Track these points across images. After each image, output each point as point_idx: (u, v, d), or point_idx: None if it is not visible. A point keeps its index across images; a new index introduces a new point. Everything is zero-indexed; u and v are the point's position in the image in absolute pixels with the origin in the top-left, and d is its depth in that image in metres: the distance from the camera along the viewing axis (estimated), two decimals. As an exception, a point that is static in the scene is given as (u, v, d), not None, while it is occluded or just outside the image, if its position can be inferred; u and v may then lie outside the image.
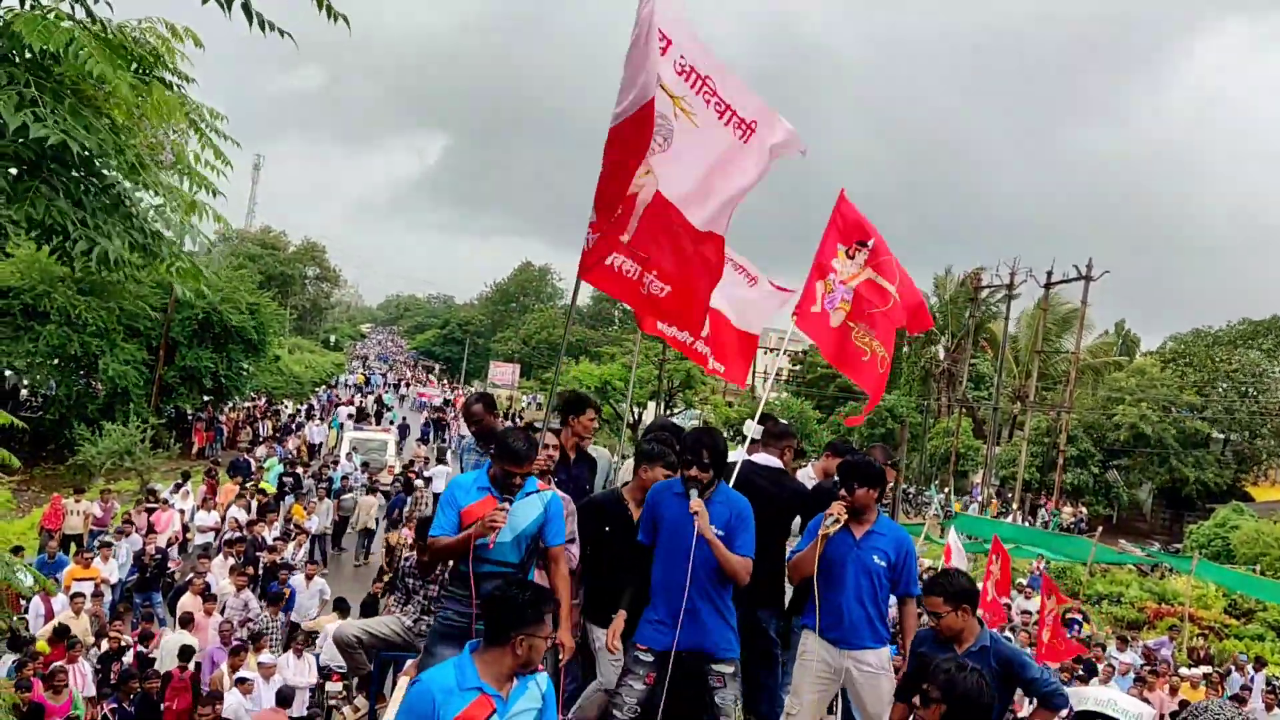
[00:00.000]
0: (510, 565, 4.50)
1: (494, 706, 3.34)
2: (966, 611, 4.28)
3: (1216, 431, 39.45)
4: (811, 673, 4.95)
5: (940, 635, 4.35)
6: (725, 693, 4.66)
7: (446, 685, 3.34)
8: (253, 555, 14.71)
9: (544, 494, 4.64)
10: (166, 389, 29.23)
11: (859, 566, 4.86)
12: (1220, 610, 23.21)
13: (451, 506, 4.54)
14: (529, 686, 3.46)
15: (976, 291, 39.54)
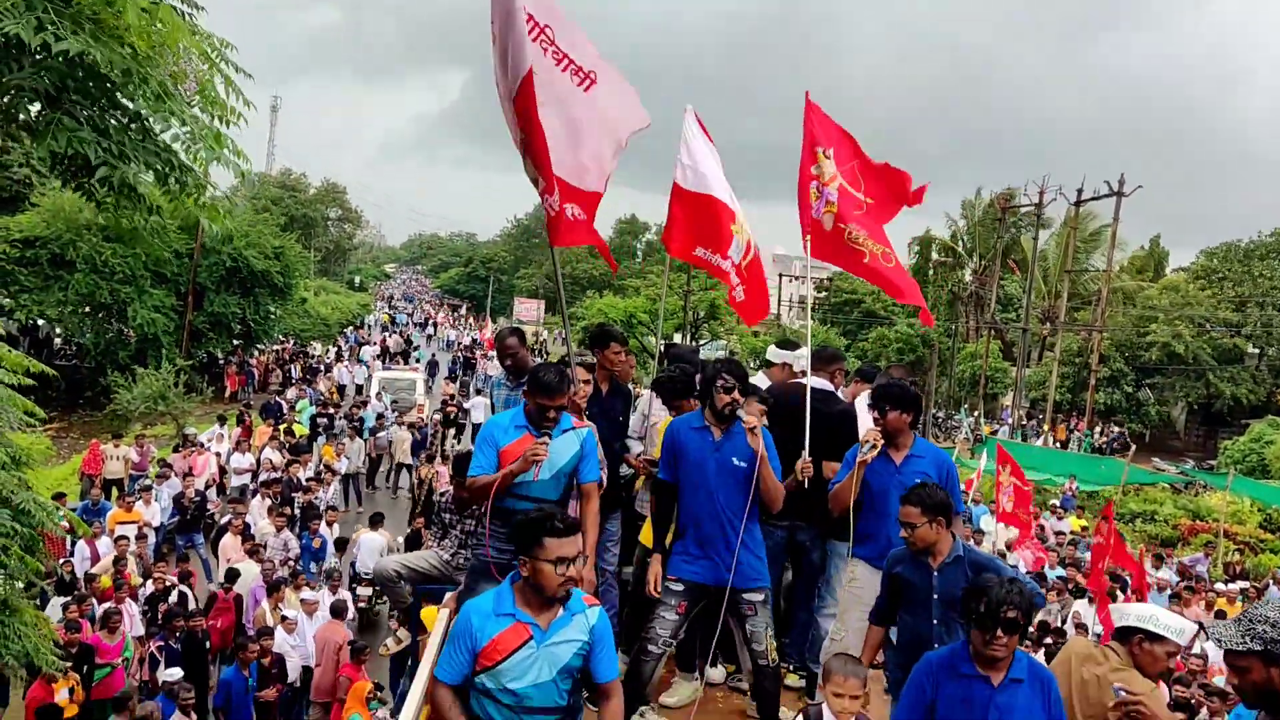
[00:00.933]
0: (549, 502, 4.48)
1: (529, 634, 3.34)
2: (941, 524, 4.24)
3: (1252, 346, 38.88)
4: (859, 600, 4.93)
5: (914, 550, 4.30)
6: (757, 620, 4.71)
7: (484, 611, 3.39)
8: (289, 496, 14.92)
9: (580, 430, 4.62)
10: (196, 334, 29.50)
11: (901, 491, 4.77)
12: (1255, 525, 23.10)
13: (490, 445, 4.52)
14: (573, 619, 3.41)
15: (1004, 212, 38.88)
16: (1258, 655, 2.98)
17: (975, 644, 3.51)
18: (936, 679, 3.60)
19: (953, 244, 48.30)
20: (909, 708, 3.67)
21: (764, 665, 4.74)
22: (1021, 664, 3.55)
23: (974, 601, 3.48)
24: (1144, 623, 3.95)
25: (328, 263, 77.37)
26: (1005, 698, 3.49)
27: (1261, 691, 3.02)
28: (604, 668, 3.47)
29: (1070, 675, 3.96)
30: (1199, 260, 43.06)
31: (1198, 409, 39.31)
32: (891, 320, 47.89)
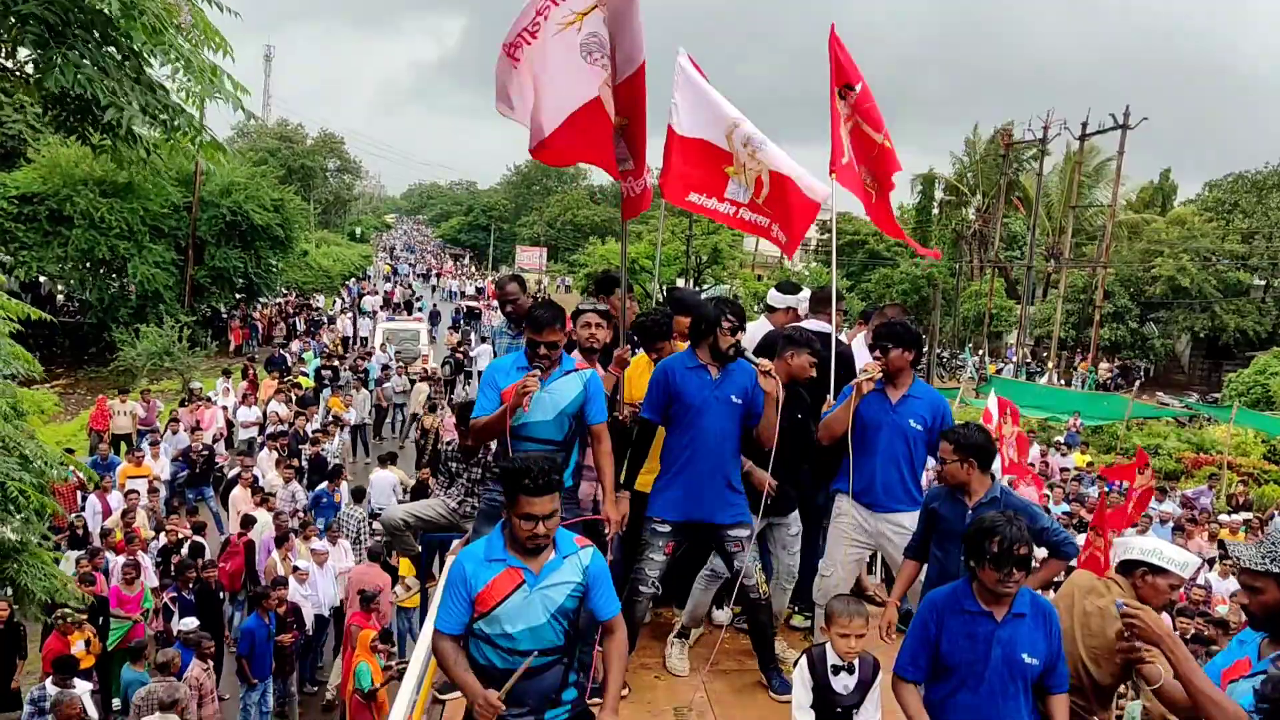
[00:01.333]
0: (554, 443, 4.53)
1: (522, 578, 3.37)
2: (973, 465, 4.29)
3: (1257, 279, 38.68)
4: (845, 536, 5.01)
5: (950, 488, 4.36)
6: (744, 556, 4.74)
7: (477, 557, 3.43)
8: (296, 448, 15.00)
9: (583, 373, 4.63)
10: (198, 289, 29.46)
11: (894, 430, 4.87)
12: (1259, 456, 23.18)
13: (491, 388, 4.57)
14: (564, 563, 3.44)
15: (1008, 148, 38.46)
16: (1275, 577, 3.02)
17: (988, 582, 3.52)
18: (940, 616, 3.64)
19: (957, 182, 47.85)
20: (913, 645, 3.71)
21: (756, 599, 4.79)
22: (1024, 598, 3.59)
23: (986, 541, 3.49)
24: (1148, 556, 3.96)
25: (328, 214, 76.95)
26: (1008, 632, 3.54)
27: (1272, 613, 3.05)
28: (604, 606, 3.52)
29: (1073, 608, 3.99)
30: (1207, 192, 42.63)
31: (1202, 342, 39.22)
32: (895, 261, 47.64)
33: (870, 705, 3.97)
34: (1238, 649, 3.27)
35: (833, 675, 3.95)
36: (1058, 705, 3.63)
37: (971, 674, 3.56)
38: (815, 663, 3.99)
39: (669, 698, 4.87)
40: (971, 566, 3.58)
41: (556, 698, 3.45)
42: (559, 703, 3.46)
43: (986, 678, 3.54)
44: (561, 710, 3.47)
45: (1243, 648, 3.24)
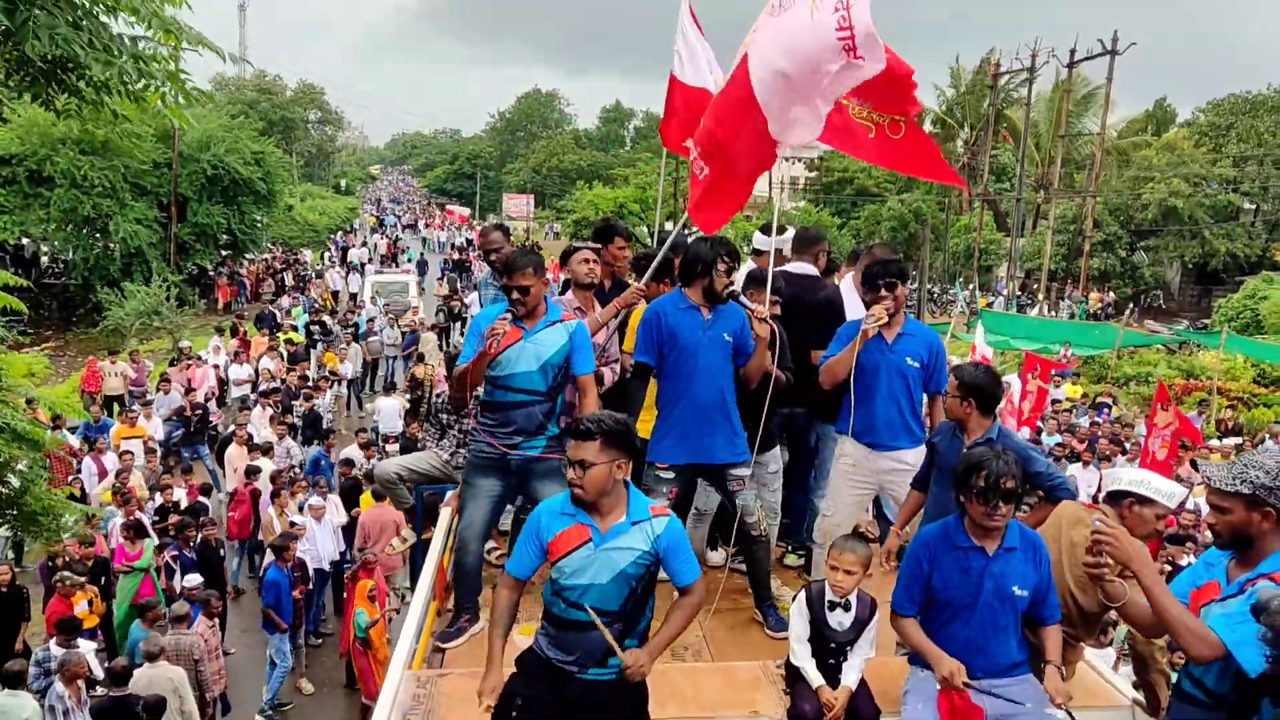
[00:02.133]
0: (538, 394, 4.55)
1: (589, 535, 3.39)
2: (972, 405, 4.32)
3: (1247, 203, 38.57)
4: (849, 476, 5.03)
5: (953, 426, 4.41)
6: (746, 493, 4.78)
7: (553, 509, 3.49)
8: (289, 404, 15.00)
9: (568, 323, 4.62)
10: (183, 247, 29.22)
11: (892, 370, 4.88)
12: (1249, 380, 23.30)
13: (475, 336, 4.59)
14: (633, 528, 3.42)
15: (995, 78, 38.04)
16: (1243, 498, 3.08)
17: (976, 516, 3.58)
18: (933, 553, 3.69)
19: (945, 115, 47.43)
20: (908, 581, 3.77)
21: (755, 536, 4.82)
22: (1014, 532, 3.65)
23: (973, 475, 3.54)
24: (1136, 486, 3.99)
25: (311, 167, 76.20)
26: (999, 565, 3.61)
27: (1237, 534, 3.13)
28: (683, 574, 3.51)
29: (1060, 538, 4.03)
30: (1200, 116, 42.27)
31: (1192, 269, 39.23)
32: (883, 197, 47.39)
33: (865, 643, 4.00)
34: (1205, 570, 3.32)
35: (829, 612, 3.98)
36: (1050, 635, 3.70)
37: (964, 607, 3.64)
38: (813, 599, 4.03)
39: None
40: (961, 502, 3.64)
41: (603, 659, 3.43)
42: (605, 665, 3.44)
43: (978, 610, 3.62)
44: (607, 671, 3.44)
45: (1210, 570, 3.29)
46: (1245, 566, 3.12)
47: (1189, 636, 3.05)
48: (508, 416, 4.56)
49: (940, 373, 4.99)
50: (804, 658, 3.98)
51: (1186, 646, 3.07)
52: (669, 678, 4.35)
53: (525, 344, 4.51)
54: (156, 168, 27.90)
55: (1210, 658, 3.02)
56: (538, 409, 4.57)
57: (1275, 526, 3.09)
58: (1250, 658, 2.93)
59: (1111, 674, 4.68)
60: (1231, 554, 3.21)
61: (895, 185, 48.62)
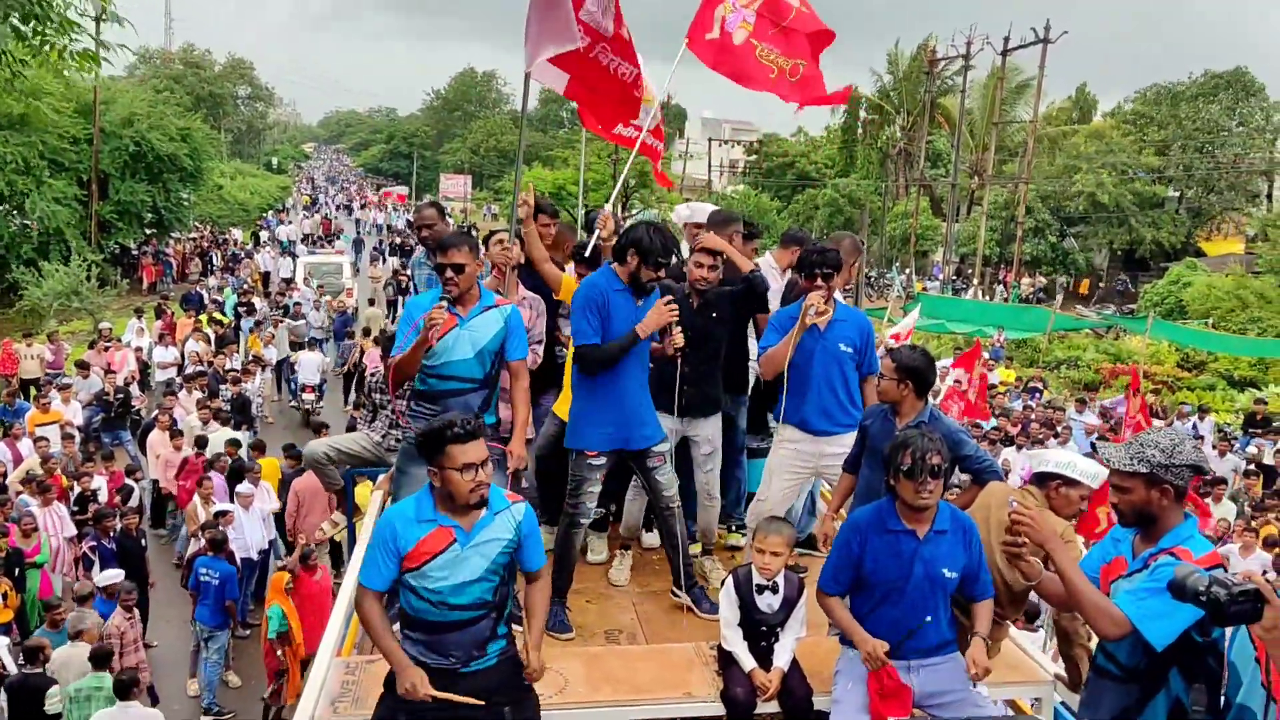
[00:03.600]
0: (474, 380, 4.47)
1: (454, 537, 3.35)
2: (909, 387, 4.34)
3: (1171, 190, 39.55)
4: (786, 462, 5.03)
5: (886, 409, 4.43)
6: (665, 469, 4.78)
7: (406, 517, 3.40)
8: (216, 388, 14.55)
9: (503, 308, 4.55)
10: (105, 225, 28.21)
11: (828, 356, 4.88)
12: (1173, 365, 23.96)
13: (409, 324, 4.46)
14: (495, 519, 3.42)
15: (932, 65, 38.41)
16: (1142, 477, 3.16)
17: (905, 495, 3.60)
18: (864, 536, 3.71)
19: (881, 100, 47.77)
20: (837, 562, 3.79)
21: (671, 509, 4.81)
22: (945, 515, 3.70)
23: (900, 454, 3.57)
24: (1061, 468, 4.07)
25: (241, 144, 74.36)
26: (930, 548, 3.65)
27: (1139, 511, 3.22)
28: (533, 559, 3.57)
29: (989, 519, 4.09)
30: (1128, 105, 43.16)
31: (1119, 255, 40.15)
32: (822, 182, 47.68)
33: (795, 623, 4.06)
34: (1113, 547, 3.41)
35: (757, 594, 4.02)
36: (981, 611, 3.78)
37: (894, 590, 3.67)
38: (741, 582, 4.06)
39: (600, 621, 4.91)
40: (891, 484, 3.66)
41: (482, 649, 3.46)
42: (485, 653, 3.47)
43: (908, 593, 3.66)
44: (487, 659, 3.48)
45: (1117, 545, 3.38)
46: (1149, 542, 3.22)
47: (1098, 615, 3.14)
48: (443, 405, 4.44)
49: (872, 355, 5.02)
50: (735, 642, 4.01)
51: (1096, 625, 3.16)
52: (602, 661, 4.37)
53: (461, 331, 4.41)
54: (76, 144, 26.87)
55: (1118, 635, 3.12)
56: (474, 397, 4.48)
57: (1173, 503, 3.18)
58: (1156, 630, 3.03)
59: (1035, 650, 4.79)
60: (1136, 530, 3.30)
61: (834, 170, 48.95)
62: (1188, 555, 3.08)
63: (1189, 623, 3.02)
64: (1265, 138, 39.62)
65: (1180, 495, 3.19)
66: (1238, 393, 21.57)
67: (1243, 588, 2.60)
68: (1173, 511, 3.19)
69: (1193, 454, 3.19)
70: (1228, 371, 23.12)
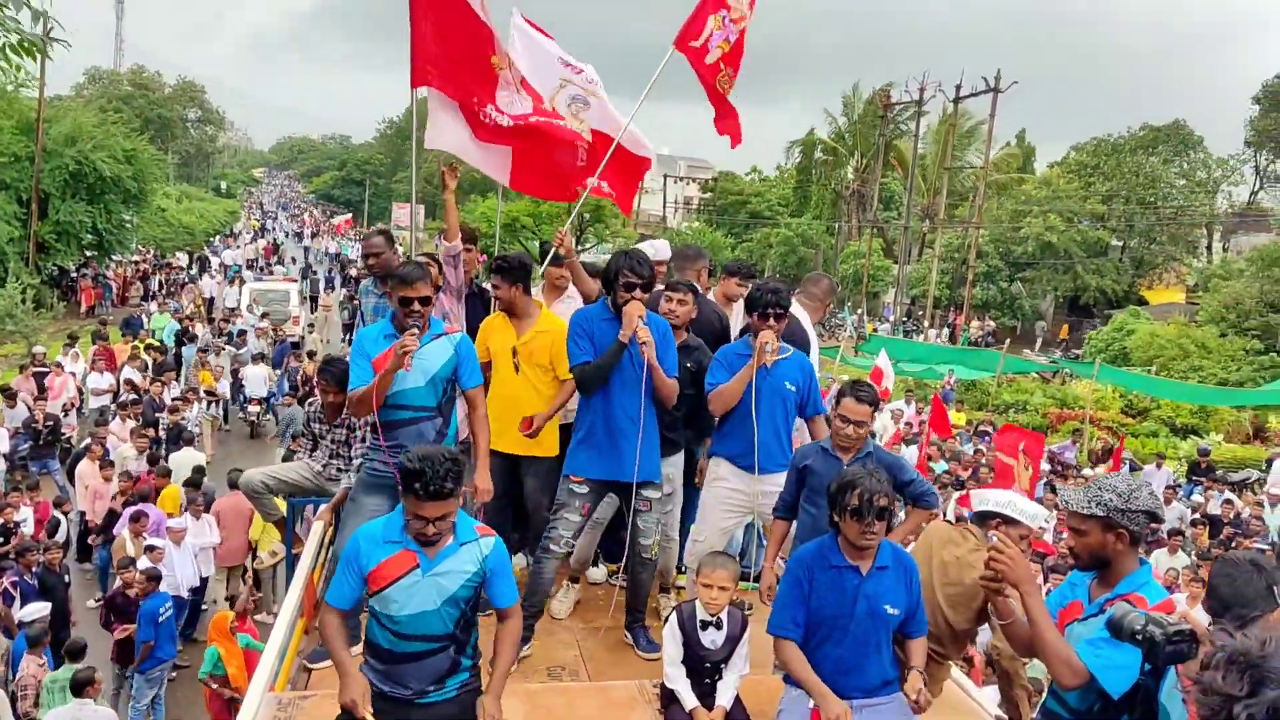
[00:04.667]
0: (428, 409, 4.43)
1: (415, 562, 3.31)
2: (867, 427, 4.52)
3: (1115, 239, 40.40)
4: (723, 500, 5.01)
5: (821, 446, 4.52)
6: (649, 516, 4.76)
7: (373, 536, 3.39)
8: (151, 417, 14.01)
9: (452, 336, 4.51)
10: (43, 246, 27.36)
11: (772, 394, 4.92)
12: (1118, 410, 24.27)
13: (362, 356, 4.42)
14: (461, 550, 3.37)
15: (886, 109, 39.00)
16: (1099, 520, 3.17)
17: (850, 535, 3.62)
18: (811, 571, 3.73)
19: (835, 143, 48.41)
20: (790, 603, 3.77)
21: (646, 558, 4.82)
22: (886, 551, 3.73)
23: (846, 494, 3.59)
24: (1002, 508, 4.19)
25: (189, 168, 73.22)
26: (873, 585, 3.67)
27: (1094, 555, 3.23)
28: (503, 595, 3.49)
29: (931, 558, 4.18)
30: (1077, 154, 44.11)
31: (1064, 301, 40.86)
32: (776, 221, 48.07)
33: (739, 660, 4.05)
34: (1070, 590, 3.43)
35: (701, 631, 4.01)
36: (916, 647, 3.80)
37: (837, 627, 3.69)
38: (684, 619, 4.05)
39: (543, 658, 4.87)
40: (835, 521, 3.69)
41: (441, 681, 3.43)
42: (443, 686, 3.44)
43: (851, 630, 3.67)
44: (445, 692, 3.45)
45: (1074, 589, 3.40)
46: (1105, 587, 3.24)
47: (1059, 665, 3.13)
48: (398, 434, 4.40)
49: (815, 394, 5.10)
50: (678, 680, 4.01)
51: (1056, 674, 3.17)
52: (544, 699, 4.36)
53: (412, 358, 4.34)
54: (17, 161, 26.11)
55: (1076, 685, 3.12)
56: (428, 425, 4.42)
57: (1129, 547, 3.20)
58: (1113, 680, 3.04)
59: (976, 690, 4.86)
60: (1093, 574, 3.32)
61: (787, 209, 49.42)
62: (1143, 603, 3.09)
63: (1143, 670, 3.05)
64: (1206, 191, 40.70)
65: (1136, 540, 3.21)
66: (1180, 440, 21.87)
67: (1178, 628, 2.67)
68: (1128, 556, 3.21)
69: (1149, 500, 3.21)
70: (1170, 418, 23.45)
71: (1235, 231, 42.50)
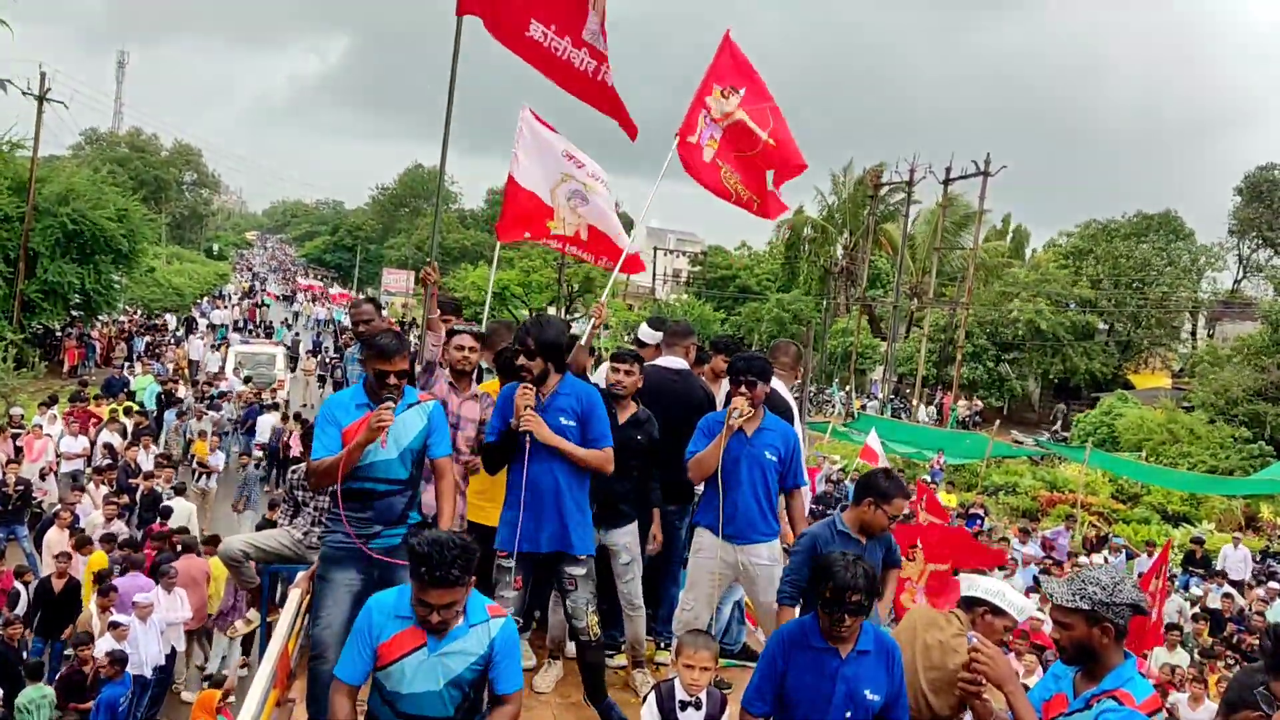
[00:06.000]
0: (399, 482, 4.31)
1: (423, 640, 3.27)
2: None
3: (1101, 323, 40.62)
4: (707, 569, 5.01)
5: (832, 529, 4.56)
6: (578, 595, 4.67)
7: (386, 608, 3.35)
8: (125, 483, 13.63)
9: (425, 405, 4.45)
10: (29, 305, 27.10)
11: (753, 463, 4.94)
12: (1108, 495, 24.08)
13: (332, 424, 4.30)
14: (471, 631, 3.32)
15: (876, 189, 39.41)
16: (1083, 614, 3.14)
17: (823, 625, 3.60)
18: (788, 652, 3.67)
19: (825, 221, 48.85)
20: (760, 680, 3.72)
21: (585, 640, 4.71)
22: (869, 635, 3.65)
23: (822, 583, 3.55)
24: (992, 597, 4.15)
25: (182, 229, 73.40)
26: (852, 669, 3.60)
27: (1080, 648, 3.18)
28: (505, 680, 3.39)
29: (914, 640, 4.11)
30: (1068, 240, 44.53)
31: (1051, 383, 40.90)
32: (765, 295, 48.25)
33: None
34: (1054, 683, 3.36)
35: (680, 710, 3.96)
36: None
37: (814, 710, 3.61)
38: (664, 698, 4.01)
39: None
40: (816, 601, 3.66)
41: None
42: None
43: (830, 716, 3.60)
44: None
45: (1058, 682, 3.34)
46: (1091, 681, 3.18)
47: None
48: (365, 506, 4.28)
49: (798, 466, 5.12)
50: None
51: None
52: None
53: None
54: (8, 220, 26.00)
55: None
56: (398, 500, 4.27)
57: (1114, 641, 3.16)
58: None
59: None
60: (1077, 668, 3.27)
61: (775, 285, 49.63)
62: (1130, 699, 3.05)
63: None
64: (1191, 278, 41.06)
65: (1121, 634, 3.16)
66: (1171, 527, 21.64)
67: None
68: (1113, 650, 3.16)
69: (1133, 593, 3.18)
70: (1161, 505, 23.26)
71: (1220, 318, 42.80)
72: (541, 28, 5.74)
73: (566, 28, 5.76)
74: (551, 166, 6.35)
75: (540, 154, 6.34)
